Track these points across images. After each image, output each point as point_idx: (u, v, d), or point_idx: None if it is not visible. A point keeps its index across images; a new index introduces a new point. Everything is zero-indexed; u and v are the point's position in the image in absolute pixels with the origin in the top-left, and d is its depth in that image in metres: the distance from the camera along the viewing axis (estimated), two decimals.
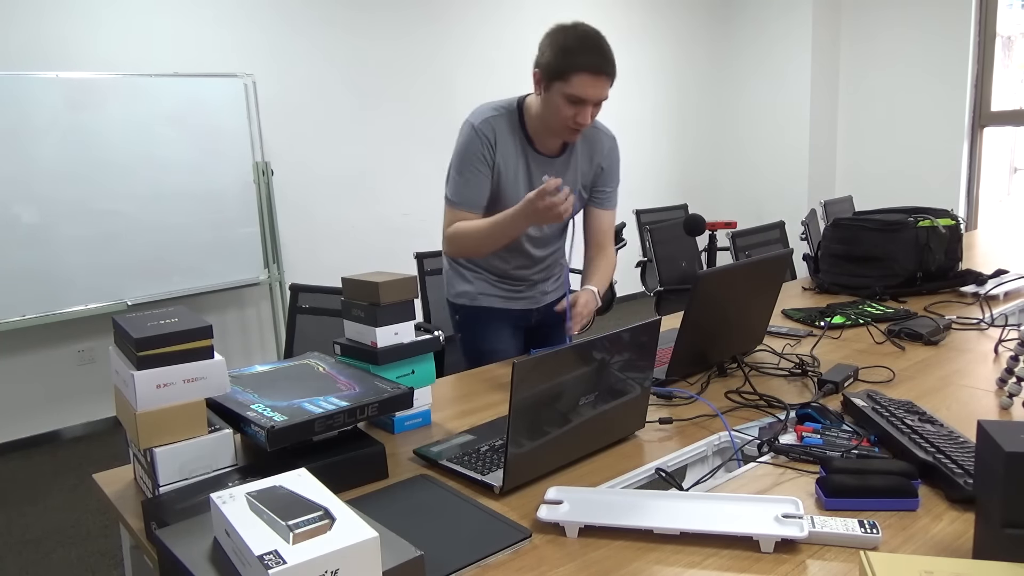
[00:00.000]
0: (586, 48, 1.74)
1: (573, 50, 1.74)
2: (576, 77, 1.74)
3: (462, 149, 1.90)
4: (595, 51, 1.74)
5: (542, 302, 2.17)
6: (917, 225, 2.45)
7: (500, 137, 1.89)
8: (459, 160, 1.90)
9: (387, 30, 4.73)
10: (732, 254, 3.29)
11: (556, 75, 1.76)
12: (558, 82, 1.76)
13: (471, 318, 2.08)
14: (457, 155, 1.91)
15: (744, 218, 6.35)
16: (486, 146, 1.88)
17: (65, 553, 2.81)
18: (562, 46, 1.75)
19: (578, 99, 1.76)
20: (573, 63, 1.73)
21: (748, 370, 1.80)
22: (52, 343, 3.86)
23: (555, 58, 1.76)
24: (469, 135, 1.89)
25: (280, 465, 1.16)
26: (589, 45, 1.74)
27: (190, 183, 3.94)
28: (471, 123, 1.90)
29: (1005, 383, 1.59)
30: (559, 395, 1.24)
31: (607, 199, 2.08)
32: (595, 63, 1.74)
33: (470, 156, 1.88)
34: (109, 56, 3.82)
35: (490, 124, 1.88)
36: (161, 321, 1.24)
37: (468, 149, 1.88)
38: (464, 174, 1.89)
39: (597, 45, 1.75)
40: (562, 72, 1.75)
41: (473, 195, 1.90)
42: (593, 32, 1.77)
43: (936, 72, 5.57)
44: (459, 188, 1.90)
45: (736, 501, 1.13)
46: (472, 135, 1.88)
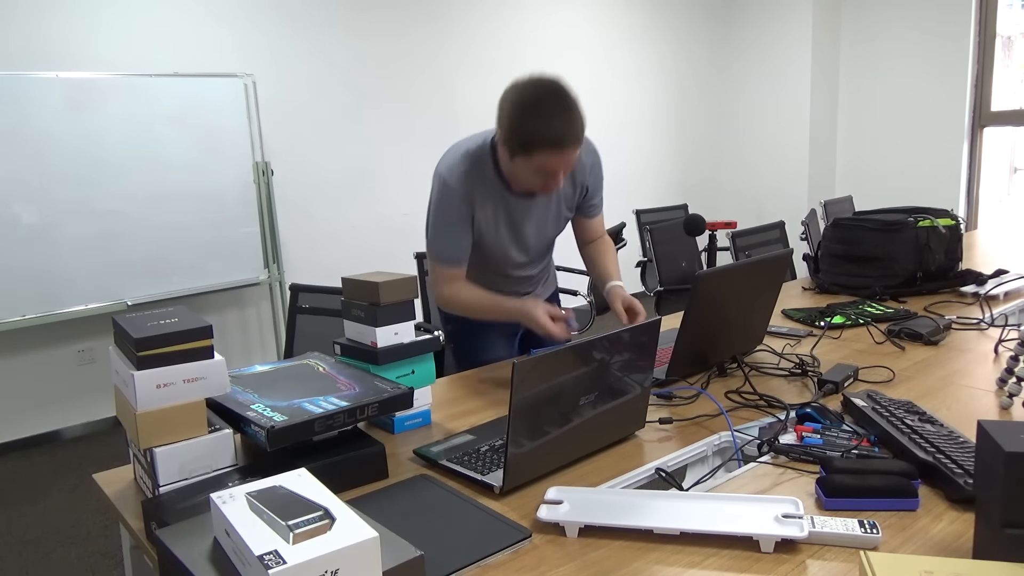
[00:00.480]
0: (546, 120, 1.60)
1: (532, 125, 1.61)
2: (539, 154, 1.63)
3: (439, 207, 1.80)
4: (556, 122, 1.60)
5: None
6: (917, 225, 2.45)
7: (476, 189, 1.78)
8: (438, 218, 1.82)
9: (387, 30, 4.73)
10: (732, 254, 3.29)
11: (520, 150, 1.65)
12: (522, 156, 1.66)
13: (463, 328, 2.04)
14: (435, 212, 1.82)
15: (744, 218, 6.35)
16: (464, 202, 1.78)
17: (65, 553, 2.81)
18: (519, 120, 1.62)
19: (545, 171, 1.68)
20: (534, 140, 1.61)
21: (748, 370, 1.80)
22: (52, 343, 3.86)
23: (514, 133, 1.64)
24: (443, 192, 1.78)
25: (280, 465, 1.16)
26: (549, 115, 1.60)
27: (190, 183, 3.94)
28: (444, 178, 1.78)
29: (1005, 383, 1.59)
30: (559, 395, 1.24)
31: (594, 209, 2.03)
32: (557, 137, 1.60)
33: (449, 215, 1.79)
34: (109, 56, 3.82)
35: (463, 180, 1.77)
36: (161, 321, 1.24)
37: (446, 208, 1.79)
38: (445, 233, 1.82)
39: (560, 112, 1.61)
40: (525, 147, 1.64)
41: (457, 252, 1.84)
42: (552, 96, 1.62)
43: (936, 72, 5.58)
44: (442, 247, 1.84)
45: (736, 501, 1.13)
46: (447, 192, 1.78)
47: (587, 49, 5.73)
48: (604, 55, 5.84)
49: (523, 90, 1.64)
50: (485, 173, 1.80)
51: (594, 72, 5.78)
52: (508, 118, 1.65)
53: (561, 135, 1.61)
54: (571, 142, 1.63)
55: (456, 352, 2.10)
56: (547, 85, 1.64)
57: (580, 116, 1.65)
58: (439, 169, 1.81)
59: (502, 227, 1.87)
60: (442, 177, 1.79)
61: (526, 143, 1.63)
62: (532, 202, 1.88)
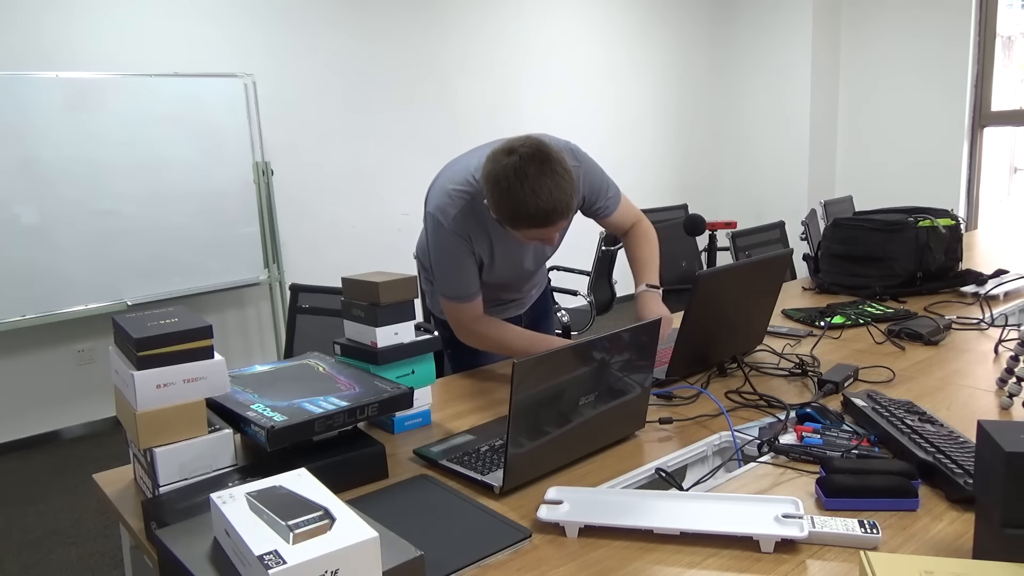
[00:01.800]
0: (531, 199, 1.52)
1: (514, 204, 1.54)
2: (525, 229, 1.59)
3: (440, 250, 1.76)
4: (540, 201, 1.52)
5: (528, 303, 2.15)
6: (917, 225, 2.45)
7: (472, 229, 1.74)
8: (443, 260, 1.77)
9: (387, 30, 4.73)
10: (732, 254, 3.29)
11: (504, 223, 1.61)
12: (509, 227, 1.62)
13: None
14: (437, 254, 1.77)
15: (744, 218, 6.35)
16: (465, 241, 1.74)
17: (65, 553, 2.81)
18: (501, 199, 1.55)
19: (535, 238, 1.64)
20: (517, 219, 1.56)
21: (748, 370, 1.80)
22: (52, 343, 3.86)
23: (498, 211, 1.59)
24: (442, 232, 1.73)
25: (280, 465, 1.16)
26: (537, 190, 1.51)
27: (190, 183, 3.94)
28: (441, 223, 1.71)
29: (1005, 383, 1.59)
30: (559, 395, 1.24)
31: (609, 205, 1.94)
32: (540, 218, 1.54)
33: (454, 255, 1.75)
34: (109, 56, 3.82)
35: (459, 223, 1.71)
36: (161, 321, 1.24)
37: (447, 245, 1.74)
38: (454, 271, 1.77)
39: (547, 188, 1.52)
40: (510, 223, 1.59)
41: (471, 285, 1.79)
42: (533, 169, 1.52)
43: (936, 72, 5.57)
44: (455, 285, 1.78)
45: (736, 501, 1.13)
46: (446, 233, 1.72)
47: (587, 50, 5.73)
48: (604, 56, 5.84)
49: (505, 165, 1.54)
50: (476, 209, 1.72)
51: (594, 73, 5.78)
52: (491, 194, 1.58)
53: (545, 213, 1.54)
54: (559, 216, 1.56)
55: (453, 356, 2.09)
56: (528, 155, 1.54)
57: (568, 184, 1.56)
58: (431, 210, 1.75)
59: (498, 259, 1.84)
60: (437, 220, 1.73)
61: (511, 221, 1.59)
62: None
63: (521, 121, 5.37)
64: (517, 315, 2.11)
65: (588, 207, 1.93)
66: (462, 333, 1.86)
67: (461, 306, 1.81)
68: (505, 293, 2.02)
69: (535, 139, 1.58)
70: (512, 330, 1.83)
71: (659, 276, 1.97)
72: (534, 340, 1.80)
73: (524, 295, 2.11)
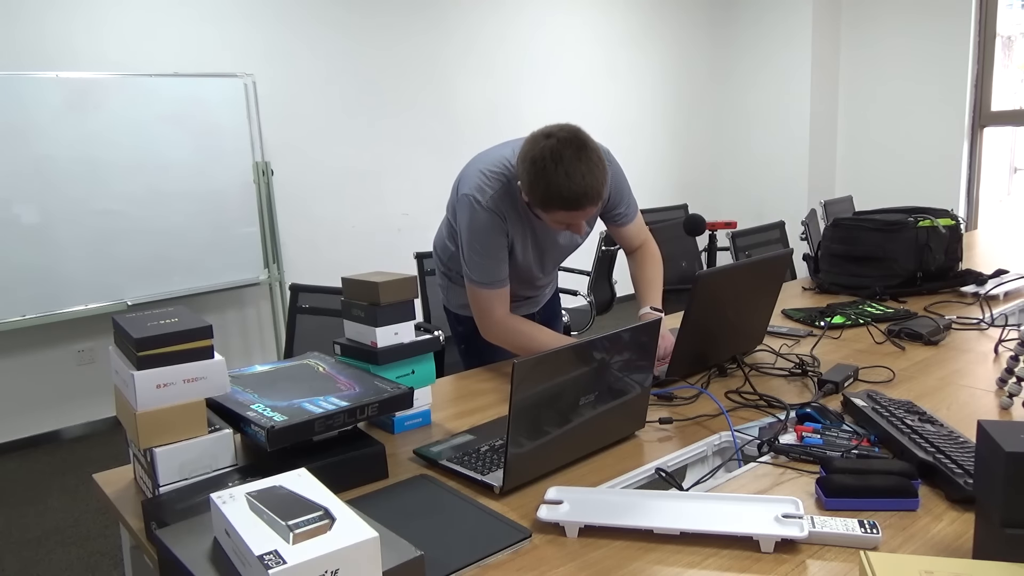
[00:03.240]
0: (564, 181, 1.57)
1: (548, 186, 1.58)
2: (557, 212, 1.63)
3: (476, 232, 1.75)
4: (573, 184, 1.57)
5: (542, 302, 2.18)
6: (917, 225, 2.45)
7: (507, 213, 1.77)
8: (477, 240, 1.76)
9: (388, 30, 4.73)
10: (732, 254, 3.29)
11: (536, 205, 1.65)
12: (540, 210, 1.66)
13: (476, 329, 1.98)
14: (476, 238, 1.75)
15: (744, 218, 6.36)
16: (500, 221, 1.76)
17: (65, 553, 2.81)
18: (536, 180, 1.59)
19: (565, 223, 1.68)
20: (549, 202, 1.60)
21: (748, 370, 1.80)
22: (52, 343, 3.86)
23: (531, 191, 1.63)
24: (479, 214, 1.74)
25: (280, 465, 1.16)
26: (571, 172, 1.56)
27: (190, 183, 3.94)
28: (476, 201, 1.73)
29: (1005, 383, 1.59)
30: (559, 395, 1.24)
31: (622, 217, 1.98)
32: (573, 201, 1.58)
33: (489, 235, 1.75)
34: (109, 56, 3.82)
35: (495, 202, 1.74)
36: (161, 321, 1.24)
37: (484, 229, 1.74)
38: (488, 254, 1.76)
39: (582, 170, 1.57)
40: (545, 206, 1.63)
41: (501, 272, 1.80)
42: (570, 153, 1.57)
43: (936, 72, 5.57)
44: (488, 271, 1.78)
45: (736, 501, 1.13)
46: (486, 217, 1.74)
47: (588, 50, 5.73)
48: (605, 56, 5.84)
49: (542, 147, 1.59)
50: (512, 193, 1.77)
51: (595, 73, 5.78)
52: (526, 174, 1.62)
53: (578, 197, 1.58)
54: (588, 202, 1.60)
55: (467, 351, 2.09)
56: (565, 140, 1.59)
57: (600, 171, 1.60)
58: (466, 191, 1.76)
59: (529, 248, 1.87)
60: (475, 199, 1.74)
61: (543, 203, 1.62)
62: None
63: (522, 121, 5.37)
64: (531, 313, 2.12)
65: (609, 210, 1.95)
66: (486, 323, 1.83)
67: (491, 292, 1.79)
68: (524, 289, 2.03)
69: (573, 126, 1.63)
70: (540, 328, 1.82)
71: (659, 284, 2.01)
72: (560, 339, 1.79)
73: (539, 293, 2.12)
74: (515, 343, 1.82)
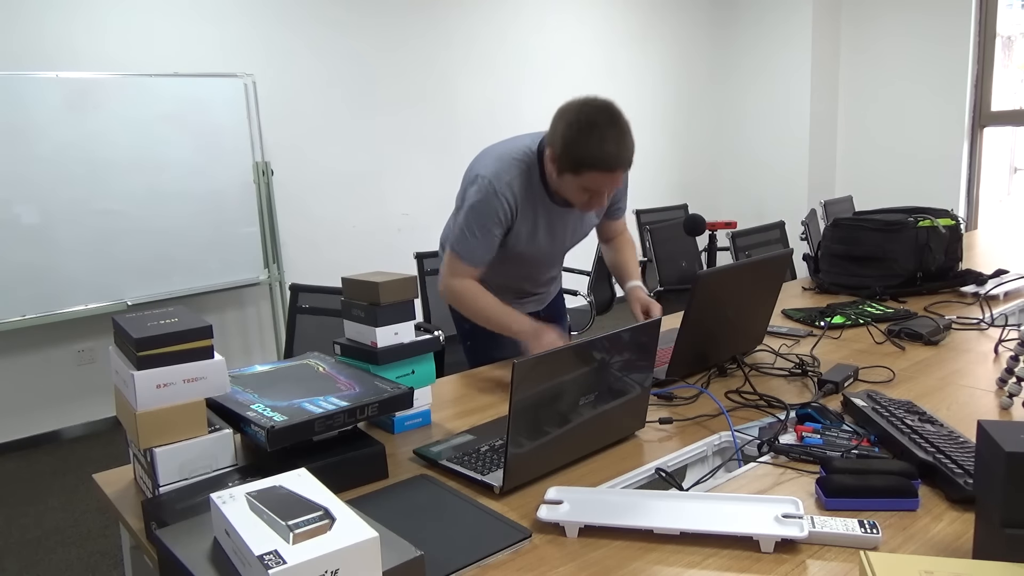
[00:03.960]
0: (599, 142, 1.63)
1: (583, 146, 1.63)
2: (588, 174, 1.66)
3: (480, 209, 1.78)
4: (609, 144, 1.63)
5: (546, 301, 2.20)
6: (917, 225, 2.45)
7: (520, 198, 1.80)
8: (475, 219, 1.79)
9: (388, 30, 4.73)
10: (732, 254, 3.29)
11: (570, 168, 1.68)
12: (571, 175, 1.69)
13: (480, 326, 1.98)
14: (474, 213, 1.78)
15: (744, 218, 6.36)
16: (506, 210, 1.78)
17: (65, 553, 2.81)
18: (573, 139, 1.64)
19: (592, 190, 1.71)
20: (583, 161, 1.65)
21: (748, 370, 1.80)
22: (52, 343, 3.86)
23: (565, 152, 1.67)
24: (489, 196, 1.76)
25: (280, 465, 1.16)
26: (601, 137, 1.62)
27: (190, 183, 3.94)
28: (490, 183, 1.76)
29: (1005, 383, 1.59)
30: (559, 395, 1.24)
31: (620, 212, 2.08)
32: (609, 160, 1.64)
33: (485, 219, 1.78)
34: (109, 56, 3.82)
35: (510, 187, 1.77)
36: (161, 321, 1.24)
37: (484, 211, 1.77)
38: (479, 235, 1.79)
39: (612, 136, 1.63)
40: (575, 167, 1.67)
41: (484, 256, 1.83)
42: (606, 118, 1.64)
43: (936, 72, 5.57)
44: (471, 248, 1.81)
45: (736, 501, 1.13)
46: (493, 198, 1.76)
47: (588, 51, 5.73)
48: (604, 56, 5.84)
49: (578, 111, 1.65)
50: (532, 180, 1.81)
51: (594, 73, 5.78)
52: (561, 136, 1.66)
53: (613, 157, 1.64)
54: (621, 165, 1.66)
55: (473, 350, 2.10)
56: (601, 107, 1.65)
57: (631, 140, 1.67)
58: (483, 173, 1.78)
59: (540, 234, 1.89)
60: (489, 182, 1.76)
61: (577, 163, 1.66)
62: (570, 211, 1.90)
63: (522, 121, 5.37)
64: (535, 312, 2.13)
65: (614, 202, 2.04)
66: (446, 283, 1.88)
67: (464, 267, 1.84)
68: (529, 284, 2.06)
69: (607, 99, 1.69)
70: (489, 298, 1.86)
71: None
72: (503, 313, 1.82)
73: (545, 290, 2.15)
74: (463, 305, 1.87)
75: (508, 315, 1.82)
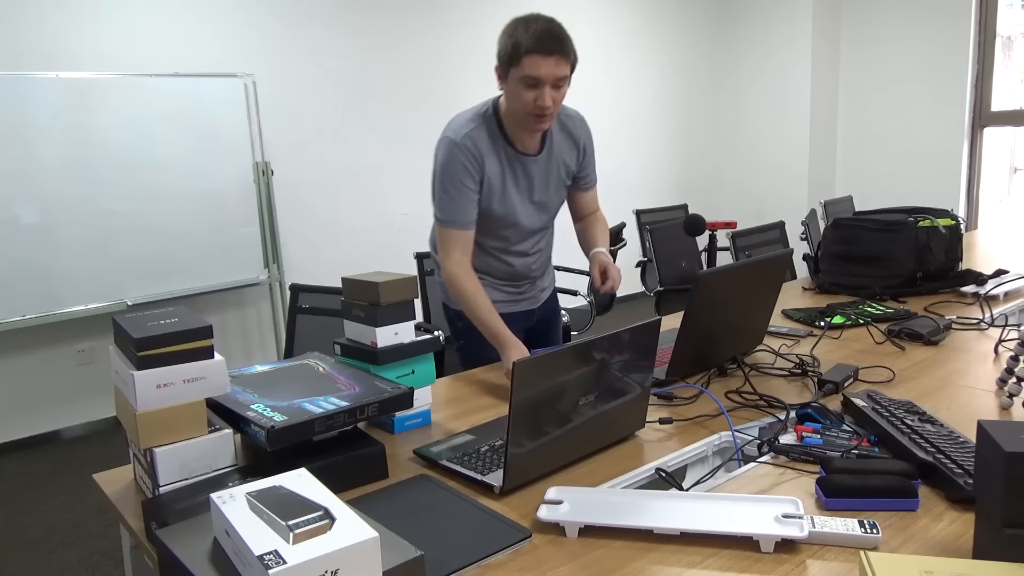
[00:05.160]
0: (534, 31, 1.74)
1: (522, 34, 1.75)
2: (527, 59, 1.74)
3: (445, 166, 1.86)
4: (544, 33, 1.74)
5: (541, 300, 2.18)
6: (917, 225, 2.45)
7: (483, 148, 1.87)
8: (444, 177, 1.87)
9: (387, 30, 4.73)
10: (732, 254, 3.29)
11: (509, 61, 1.77)
12: (513, 68, 1.77)
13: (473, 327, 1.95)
14: (441, 172, 1.88)
15: (744, 218, 6.35)
16: (471, 161, 1.85)
17: (65, 553, 2.81)
18: (512, 33, 1.77)
19: (533, 80, 1.75)
20: (521, 46, 1.74)
21: (748, 370, 1.80)
22: (52, 343, 3.86)
23: (506, 45, 1.78)
24: (451, 151, 1.86)
25: (280, 465, 1.16)
26: (537, 28, 1.75)
27: (190, 183, 3.94)
28: (451, 139, 1.86)
29: (1005, 383, 1.59)
30: (559, 395, 1.24)
31: (589, 180, 2.11)
32: (543, 43, 1.74)
33: (456, 173, 1.85)
34: (109, 56, 3.82)
35: (471, 138, 1.86)
36: (161, 321, 1.24)
37: (452, 166, 1.85)
38: (450, 192, 1.86)
39: (546, 27, 1.76)
40: (513, 57, 1.76)
41: (462, 213, 1.88)
42: (542, 17, 1.78)
43: (936, 72, 5.57)
44: (447, 207, 1.88)
45: (736, 501, 1.13)
46: (455, 151, 1.85)
47: (587, 51, 5.73)
48: (604, 57, 5.84)
49: (521, 17, 1.79)
50: (490, 130, 1.89)
51: (594, 73, 5.78)
52: (501, 39, 1.79)
53: (548, 43, 1.73)
54: (557, 51, 1.74)
55: (465, 348, 2.10)
56: (544, 16, 1.78)
57: (568, 37, 1.78)
58: (445, 134, 1.88)
59: (509, 184, 1.93)
60: (449, 139, 1.86)
61: (516, 50, 1.74)
62: (536, 160, 1.95)
63: None
64: (529, 310, 2.13)
65: (584, 168, 2.07)
66: (444, 263, 1.91)
67: (453, 232, 1.89)
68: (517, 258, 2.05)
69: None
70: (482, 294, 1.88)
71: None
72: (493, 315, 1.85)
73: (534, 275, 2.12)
74: (459, 294, 1.90)
75: (493, 320, 1.86)
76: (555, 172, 2.00)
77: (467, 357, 2.08)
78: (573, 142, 2.02)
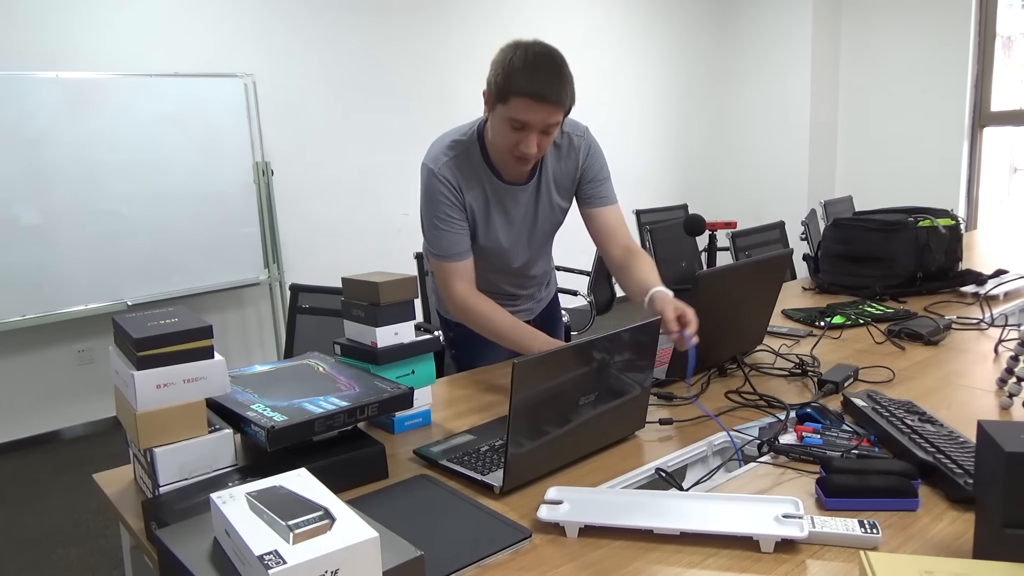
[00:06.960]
0: (531, 70, 1.57)
1: (517, 71, 1.58)
2: (516, 100, 1.59)
3: (428, 199, 1.77)
4: (541, 74, 1.58)
5: (538, 311, 2.13)
6: (917, 225, 2.45)
7: (463, 176, 1.76)
8: (429, 212, 1.78)
9: (388, 30, 4.73)
10: (732, 254, 3.29)
11: (498, 95, 1.63)
12: (500, 104, 1.63)
13: (468, 335, 1.88)
14: (425, 206, 1.78)
15: (744, 218, 6.35)
16: (451, 191, 1.75)
17: (65, 553, 2.81)
18: (507, 66, 1.60)
19: (520, 124, 1.62)
20: (513, 85, 1.58)
21: (748, 370, 1.79)
22: (52, 343, 3.86)
23: (498, 78, 1.62)
24: (431, 183, 1.76)
25: (280, 465, 1.16)
26: (536, 67, 1.58)
27: (190, 183, 3.94)
28: (429, 168, 1.76)
29: (1005, 383, 1.59)
30: (559, 395, 1.24)
31: (605, 194, 1.89)
32: (538, 89, 1.57)
33: (440, 206, 1.76)
34: (109, 56, 3.82)
35: (449, 167, 1.75)
36: (161, 321, 1.24)
37: (435, 199, 1.76)
38: (440, 227, 1.77)
39: (546, 68, 1.58)
40: (503, 93, 1.61)
41: (456, 245, 1.78)
42: (545, 53, 1.60)
43: (936, 72, 5.57)
44: (440, 242, 1.78)
45: (736, 501, 1.13)
46: (434, 183, 1.75)
47: (588, 50, 5.73)
48: (604, 56, 5.84)
49: (520, 45, 1.62)
50: (472, 159, 1.77)
51: (594, 73, 5.78)
52: (494, 66, 1.63)
53: (542, 89, 1.57)
54: (551, 99, 1.58)
55: (459, 357, 2.08)
56: (546, 49, 1.62)
57: (569, 82, 1.61)
58: (425, 161, 1.78)
59: (495, 216, 1.82)
60: (428, 168, 1.77)
61: (505, 88, 1.60)
62: (525, 188, 1.83)
63: None
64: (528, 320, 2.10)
65: (592, 183, 1.88)
66: (447, 300, 1.81)
67: (448, 265, 1.78)
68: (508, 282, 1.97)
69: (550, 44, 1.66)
70: (503, 313, 1.77)
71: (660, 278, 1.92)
72: (518, 328, 1.75)
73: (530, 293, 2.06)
74: (474, 322, 1.79)
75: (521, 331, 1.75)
76: (547, 200, 1.87)
77: (461, 367, 2.05)
78: (570, 163, 1.86)
